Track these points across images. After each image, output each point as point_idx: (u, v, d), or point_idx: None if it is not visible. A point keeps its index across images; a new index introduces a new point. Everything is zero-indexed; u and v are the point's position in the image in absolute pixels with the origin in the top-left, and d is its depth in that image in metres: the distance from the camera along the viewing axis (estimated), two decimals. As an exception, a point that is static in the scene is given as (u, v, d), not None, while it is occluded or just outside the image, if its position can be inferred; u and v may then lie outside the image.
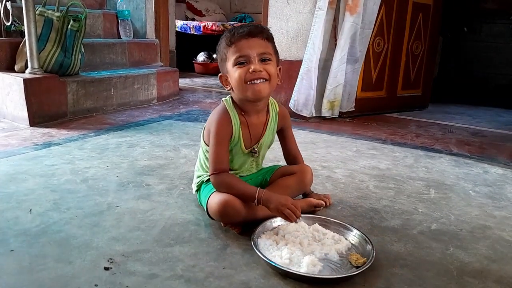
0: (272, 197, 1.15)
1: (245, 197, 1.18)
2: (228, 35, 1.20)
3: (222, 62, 1.24)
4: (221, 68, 1.26)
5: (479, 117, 3.32)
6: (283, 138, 1.43)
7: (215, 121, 1.25)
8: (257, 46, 1.18)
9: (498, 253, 1.17)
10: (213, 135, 1.24)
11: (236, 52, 1.18)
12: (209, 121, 1.30)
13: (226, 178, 1.21)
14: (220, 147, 1.23)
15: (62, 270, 0.99)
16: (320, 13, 2.67)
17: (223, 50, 1.22)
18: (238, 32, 1.19)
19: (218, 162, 1.22)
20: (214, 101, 3.36)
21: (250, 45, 1.18)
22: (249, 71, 1.17)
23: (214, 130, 1.24)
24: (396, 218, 1.37)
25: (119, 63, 3.11)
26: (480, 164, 2.00)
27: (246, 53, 1.17)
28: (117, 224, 1.22)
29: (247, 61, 1.17)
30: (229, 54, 1.19)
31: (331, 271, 1.04)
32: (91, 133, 2.19)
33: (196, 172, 1.40)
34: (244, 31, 1.19)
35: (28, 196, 1.38)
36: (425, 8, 3.29)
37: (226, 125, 1.24)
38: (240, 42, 1.18)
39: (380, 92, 3.20)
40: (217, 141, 1.23)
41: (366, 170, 1.84)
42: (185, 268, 1.02)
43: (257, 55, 1.18)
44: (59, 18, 2.42)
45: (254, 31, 1.19)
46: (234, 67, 1.19)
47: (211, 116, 1.29)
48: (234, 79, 1.19)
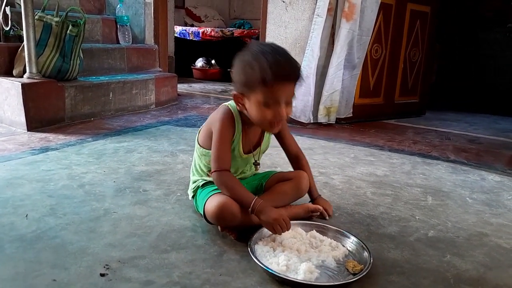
0: (266, 210, 1.15)
1: (242, 202, 1.18)
2: (269, 72, 1.10)
3: (246, 87, 1.17)
4: (239, 88, 1.20)
5: (476, 124, 3.33)
6: (281, 138, 1.42)
7: (219, 120, 1.24)
8: (289, 92, 1.16)
9: (495, 260, 1.17)
10: (216, 133, 1.23)
11: (268, 94, 1.13)
12: (210, 121, 1.30)
13: (229, 178, 1.21)
14: (224, 145, 1.23)
15: (57, 276, 0.98)
16: (318, 20, 2.68)
17: (254, 79, 1.13)
18: (279, 73, 1.11)
19: (221, 160, 1.21)
20: (212, 107, 3.36)
21: (284, 90, 1.14)
22: (276, 117, 1.16)
23: (218, 128, 1.23)
24: (393, 225, 1.37)
25: (117, 69, 3.11)
26: (477, 171, 2.01)
27: (277, 100, 1.14)
28: (114, 230, 1.22)
29: (275, 104, 1.15)
30: (260, 90, 1.13)
31: (328, 278, 1.04)
32: (88, 138, 2.19)
33: (191, 177, 1.40)
34: (285, 72, 1.13)
35: (24, 201, 1.38)
36: (422, 15, 3.31)
37: (230, 125, 1.24)
38: (276, 87, 1.12)
39: (378, 98, 3.21)
40: (221, 139, 1.22)
41: (364, 176, 1.84)
42: (182, 275, 1.01)
43: (285, 100, 1.16)
44: (58, 23, 2.42)
45: (291, 75, 1.15)
46: (260, 104, 1.15)
47: (213, 116, 1.29)
48: (255, 114, 1.17)
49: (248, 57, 1.17)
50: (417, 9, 3.24)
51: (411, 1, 3.16)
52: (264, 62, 1.11)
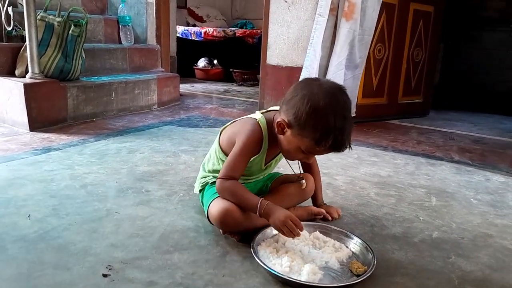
0: (273, 211, 1.11)
1: (247, 206, 1.16)
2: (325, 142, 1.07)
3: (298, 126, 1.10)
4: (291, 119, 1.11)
5: (480, 124, 3.31)
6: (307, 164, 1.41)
7: (248, 135, 1.20)
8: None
9: (499, 262, 1.17)
10: (240, 145, 1.19)
11: (312, 149, 1.13)
12: (237, 130, 1.25)
13: (231, 185, 1.18)
14: (242, 158, 1.19)
15: (60, 277, 0.98)
16: (320, 19, 2.67)
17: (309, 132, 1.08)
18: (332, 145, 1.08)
19: (232, 170, 1.19)
20: (214, 107, 3.36)
21: (324, 152, 1.14)
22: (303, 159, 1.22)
23: (243, 141, 1.19)
24: (397, 226, 1.36)
25: (119, 69, 3.11)
26: (482, 171, 2.00)
27: (315, 154, 1.19)
28: (116, 231, 1.21)
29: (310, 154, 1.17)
30: (309, 143, 1.10)
31: (332, 280, 1.03)
32: (91, 138, 2.19)
33: (202, 171, 1.37)
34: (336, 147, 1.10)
35: (26, 202, 1.37)
36: (426, 15, 3.30)
37: (256, 144, 1.21)
38: (325, 151, 1.13)
39: (381, 98, 3.20)
40: (242, 151, 1.19)
41: (367, 177, 1.83)
42: (184, 276, 1.01)
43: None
44: (60, 23, 2.42)
45: (341, 149, 1.11)
46: (299, 148, 1.14)
47: (243, 126, 1.24)
48: (289, 149, 1.17)
49: (322, 105, 1.07)
50: (421, 8, 3.23)
51: (414, 1, 3.15)
52: (331, 127, 1.06)
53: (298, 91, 1.12)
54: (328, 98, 1.08)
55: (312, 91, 1.09)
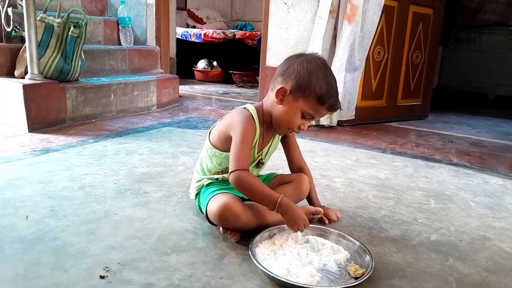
0: (293, 207, 1.16)
1: (265, 200, 1.16)
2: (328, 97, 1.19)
3: (300, 90, 1.19)
4: (292, 85, 1.20)
5: (479, 127, 3.32)
6: (287, 145, 1.42)
7: (242, 123, 1.22)
8: (323, 116, 1.29)
9: (497, 264, 1.16)
10: (239, 134, 1.20)
11: (314, 111, 1.21)
12: (229, 123, 1.26)
13: (249, 177, 1.16)
14: (246, 146, 1.20)
15: (57, 278, 0.97)
16: (320, 22, 2.68)
17: (313, 92, 1.18)
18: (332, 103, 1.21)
19: (242, 160, 1.18)
20: (213, 108, 3.36)
21: (323, 114, 1.25)
22: (300, 127, 1.25)
23: (241, 130, 1.21)
24: (395, 228, 1.36)
25: (119, 70, 3.11)
26: (480, 174, 2.00)
27: (315, 117, 1.25)
28: (114, 232, 1.21)
29: (307, 118, 1.24)
30: (310, 102, 1.20)
31: (330, 282, 1.03)
32: (89, 139, 2.19)
33: (195, 175, 1.38)
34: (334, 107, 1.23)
35: (24, 203, 1.37)
36: (425, 18, 3.31)
37: (252, 129, 1.24)
38: (324, 111, 1.23)
39: (380, 101, 3.20)
40: (244, 139, 1.20)
41: (366, 179, 1.83)
42: (182, 278, 1.01)
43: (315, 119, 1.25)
44: (59, 24, 2.42)
45: (336, 109, 1.25)
46: (299, 110, 1.21)
47: (233, 118, 1.26)
48: (288, 115, 1.23)
49: (317, 67, 1.21)
50: (420, 11, 3.24)
51: (413, 3, 3.16)
52: (331, 86, 1.21)
53: (293, 61, 1.24)
54: (321, 62, 1.23)
55: (306, 58, 1.23)
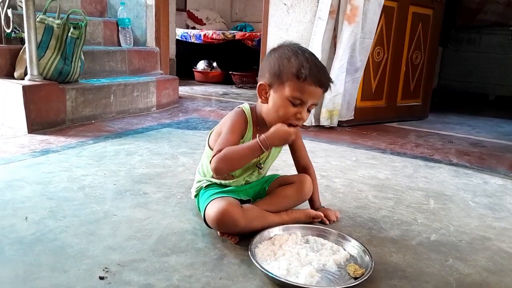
0: (271, 135, 1.13)
1: (250, 152, 1.14)
2: (305, 71, 1.12)
3: (276, 78, 1.16)
4: (267, 78, 1.18)
5: (478, 127, 3.31)
6: (293, 149, 1.40)
7: (231, 117, 1.23)
8: (316, 97, 1.17)
9: (497, 265, 1.16)
10: (227, 126, 1.20)
11: (299, 92, 1.13)
12: (222, 122, 1.27)
13: (224, 152, 1.14)
14: (232, 135, 1.18)
15: (56, 279, 0.97)
16: (320, 22, 2.68)
17: (287, 73, 1.14)
18: (315, 76, 1.13)
19: (224, 144, 1.16)
20: (213, 109, 3.36)
21: (314, 93, 1.15)
22: (296, 116, 1.16)
23: (229, 122, 1.21)
24: (395, 228, 1.36)
25: (118, 71, 3.11)
26: (480, 174, 2.00)
27: (305, 100, 1.14)
28: (113, 233, 1.21)
29: (300, 104, 1.15)
30: (291, 85, 1.13)
31: (329, 282, 1.03)
32: (89, 140, 2.19)
33: (196, 177, 1.38)
34: (320, 78, 1.14)
35: (24, 204, 1.37)
36: (425, 18, 3.31)
37: (242, 123, 1.23)
38: (310, 87, 1.13)
39: (380, 101, 3.20)
40: (230, 129, 1.19)
41: (365, 179, 1.83)
42: (181, 278, 1.00)
43: (310, 103, 1.16)
44: (59, 26, 2.42)
45: (325, 84, 1.16)
46: (286, 100, 1.15)
47: (226, 117, 1.26)
48: (277, 108, 1.17)
49: (286, 50, 1.18)
50: (419, 11, 3.24)
51: (413, 4, 3.16)
52: (303, 59, 1.14)
53: (265, 57, 1.23)
54: (292, 46, 1.19)
55: (277, 48, 1.21)
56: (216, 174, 1.20)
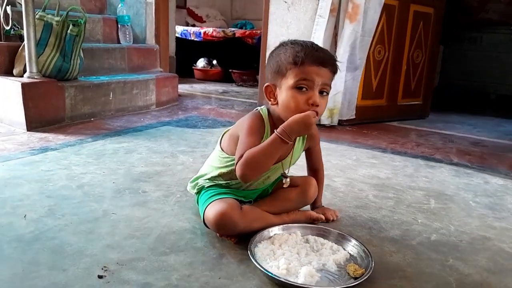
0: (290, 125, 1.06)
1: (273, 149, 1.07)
2: (301, 54, 1.09)
3: (278, 74, 1.14)
4: (271, 78, 1.17)
5: (480, 126, 3.31)
6: (310, 154, 1.38)
7: (249, 120, 1.18)
8: (324, 76, 1.10)
9: (498, 265, 1.16)
10: (245, 129, 1.15)
11: (302, 75, 1.09)
12: (238, 125, 1.23)
13: (246, 155, 1.07)
14: (251, 138, 1.12)
15: (55, 278, 0.97)
16: (321, 20, 2.67)
17: (286, 63, 1.11)
18: (313, 55, 1.09)
19: (245, 149, 1.10)
20: (213, 107, 3.35)
21: (318, 73, 1.09)
22: (309, 102, 1.09)
23: (246, 125, 1.16)
24: (395, 228, 1.35)
25: (118, 68, 3.10)
26: (481, 174, 1.99)
27: (312, 79, 1.09)
28: (112, 232, 1.20)
29: (308, 88, 1.10)
30: (292, 73, 1.10)
31: (329, 282, 1.02)
32: (88, 138, 2.18)
33: (200, 172, 1.35)
34: (319, 56, 1.10)
35: (23, 202, 1.37)
36: (426, 16, 3.30)
37: (260, 125, 1.17)
38: (311, 67, 1.09)
39: (381, 100, 3.20)
40: (248, 132, 1.14)
41: (366, 179, 1.82)
42: (180, 278, 1.00)
43: (320, 85, 1.10)
44: (58, 23, 2.41)
45: (328, 61, 1.11)
46: (292, 89, 1.10)
47: (242, 120, 1.22)
48: (288, 101, 1.11)
49: (281, 46, 1.16)
50: (421, 10, 3.23)
51: (414, 2, 3.15)
52: (298, 46, 1.12)
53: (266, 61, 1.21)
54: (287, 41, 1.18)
55: (274, 49, 1.19)
56: (244, 181, 1.15)
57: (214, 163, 1.30)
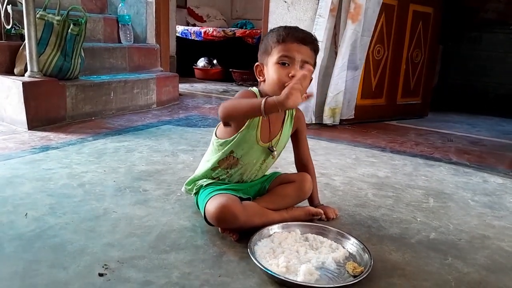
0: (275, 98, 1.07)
1: (252, 108, 1.12)
2: (282, 33, 1.22)
3: (265, 53, 1.26)
4: (260, 58, 1.29)
5: (478, 126, 3.31)
6: (297, 141, 1.42)
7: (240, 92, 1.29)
8: (304, 53, 1.21)
9: (497, 263, 1.16)
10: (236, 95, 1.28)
11: (284, 51, 1.20)
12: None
13: (231, 101, 1.21)
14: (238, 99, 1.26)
15: (56, 276, 0.97)
16: (320, 20, 2.67)
17: (271, 43, 1.23)
18: (293, 34, 1.21)
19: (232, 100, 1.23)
20: (213, 107, 3.36)
21: (299, 50, 1.20)
22: (289, 75, 1.18)
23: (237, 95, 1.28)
24: (394, 227, 1.36)
25: (119, 68, 3.11)
26: (480, 173, 2.00)
27: (292, 55, 1.19)
28: (113, 230, 1.21)
29: (289, 64, 1.20)
30: (276, 50, 1.21)
31: (328, 280, 1.03)
32: (89, 137, 2.19)
33: (197, 172, 1.37)
34: (299, 35, 1.21)
35: (24, 200, 1.37)
36: (425, 16, 3.30)
37: (251, 96, 1.27)
38: (292, 44, 1.20)
39: (380, 99, 3.20)
40: (239, 95, 1.27)
41: (365, 178, 1.83)
42: (180, 276, 1.01)
43: (301, 61, 1.20)
44: (59, 22, 2.41)
45: (307, 39, 1.22)
46: (276, 64, 1.21)
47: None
48: (272, 76, 1.22)
49: (270, 31, 1.28)
50: (420, 10, 3.23)
51: (413, 2, 3.15)
52: (282, 28, 1.25)
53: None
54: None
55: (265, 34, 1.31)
56: (220, 118, 1.23)
57: (210, 156, 1.34)
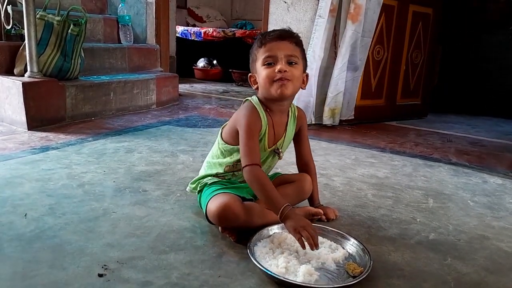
0: (294, 216, 1.11)
1: (271, 203, 1.15)
2: (260, 37, 1.26)
3: (253, 63, 1.28)
4: (251, 69, 1.30)
5: (478, 126, 3.32)
6: (298, 139, 1.42)
7: (245, 116, 1.25)
8: (285, 49, 1.22)
9: (496, 264, 1.17)
10: (243, 130, 1.22)
11: (265, 52, 1.22)
12: (235, 118, 1.29)
13: (262, 176, 1.18)
14: (252, 141, 1.22)
15: (55, 276, 0.97)
16: (320, 21, 2.68)
17: (254, 50, 1.27)
18: (270, 35, 1.24)
19: (251, 155, 1.19)
20: (213, 107, 3.36)
21: (279, 47, 1.22)
22: (275, 71, 1.20)
23: (244, 124, 1.23)
24: (394, 227, 1.36)
25: (118, 68, 3.11)
26: (479, 173, 2.00)
27: (274, 54, 1.21)
28: (113, 230, 1.21)
29: (274, 62, 1.21)
30: (259, 55, 1.24)
31: (328, 281, 1.03)
32: (89, 137, 2.19)
33: (202, 172, 1.38)
34: (275, 34, 1.24)
35: (23, 201, 1.37)
36: (425, 17, 3.31)
37: (256, 119, 1.25)
38: (270, 44, 1.22)
39: (380, 100, 3.20)
40: (249, 134, 1.22)
41: (365, 178, 1.83)
42: (180, 276, 1.01)
43: (284, 56, 1.21)
44: (59, 22, 2.41)
45: (284, 35, 1.24)
46: (262, 66, 1.23)
47: (238, 112, 1.29)
48: (262, 77, 1.23)
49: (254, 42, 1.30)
50: (419, 10, 3.23)
51: (413, 3, 3.16)
52: (260, 35, 1.28)
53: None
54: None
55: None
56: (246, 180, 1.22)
57: (217, 158, 1.34)
